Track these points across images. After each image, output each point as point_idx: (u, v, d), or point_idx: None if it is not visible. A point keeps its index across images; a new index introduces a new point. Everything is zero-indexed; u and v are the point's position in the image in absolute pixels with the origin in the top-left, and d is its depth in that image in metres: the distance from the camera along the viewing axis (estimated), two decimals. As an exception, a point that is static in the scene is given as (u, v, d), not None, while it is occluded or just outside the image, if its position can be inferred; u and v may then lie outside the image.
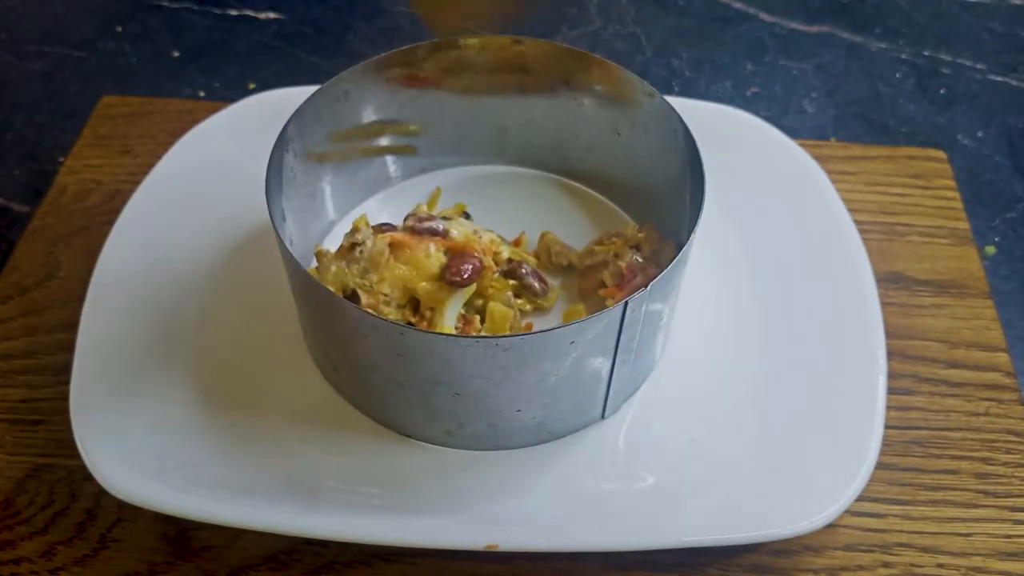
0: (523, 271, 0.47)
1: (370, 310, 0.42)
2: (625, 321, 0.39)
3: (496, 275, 0.46)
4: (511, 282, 0.46)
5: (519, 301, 0.47)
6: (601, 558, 0.42)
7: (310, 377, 0.46)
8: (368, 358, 0.40)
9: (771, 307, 0.49)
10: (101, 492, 0.41)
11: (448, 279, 0.43)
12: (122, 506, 0.43)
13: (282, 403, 0.45)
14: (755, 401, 0.45)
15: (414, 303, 0.44)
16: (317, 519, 0.40)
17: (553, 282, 0.49)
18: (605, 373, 0.41)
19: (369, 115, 0.50)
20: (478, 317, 0.45)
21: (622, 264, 0.46)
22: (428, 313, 0.44)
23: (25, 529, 0.43)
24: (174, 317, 0.48)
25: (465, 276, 0.43)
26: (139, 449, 0.42)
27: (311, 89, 0.46)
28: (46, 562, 0.42)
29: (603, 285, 0.47)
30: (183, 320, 0.48)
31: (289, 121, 0.44)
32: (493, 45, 0.49)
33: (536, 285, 0.47)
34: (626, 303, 0.37)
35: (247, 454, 0.43)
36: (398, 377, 0.40)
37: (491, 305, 0.45)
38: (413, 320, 0.44)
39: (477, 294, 0.45)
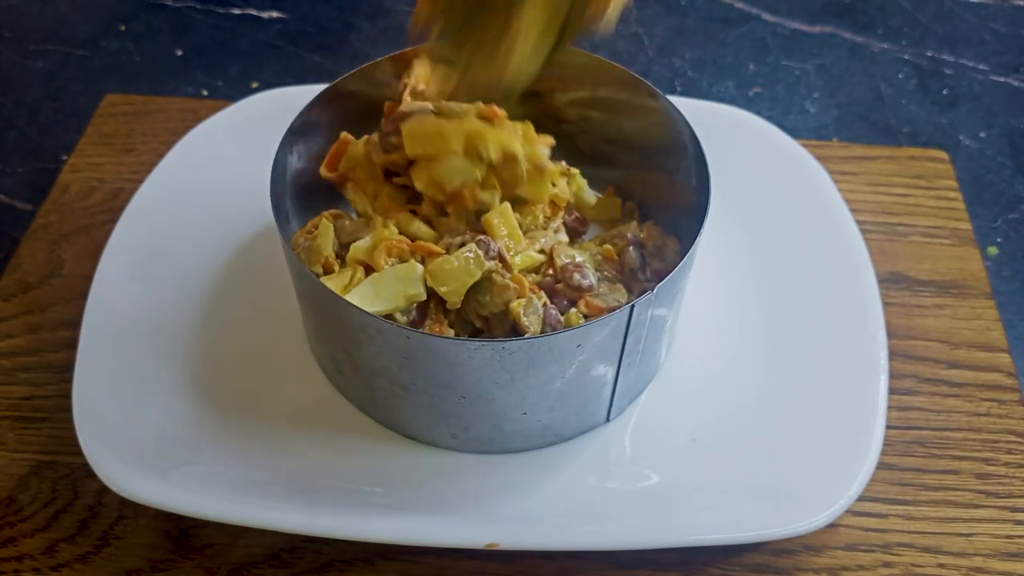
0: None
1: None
2: (631, 324, 0.39)
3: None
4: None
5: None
6: (603, 557, 0.42)
7: (314, 378, 0.46)
8: (374, 361, 0.40)
9: (773, 307, 0.49)
10: (103, 489, 0.42)
11: None
12: (124, 503, 0.43)
13: (285, 403, 0.45)
14: (757, 401, 0.45)
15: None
16: (319, 517, 0.40)
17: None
18: (610, 376, 0.41)
19: (372, 115, 0.50)
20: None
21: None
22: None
23: (27, 526, 0.43)
24: (177, 316, 0.48)
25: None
26: (141, 447, 0.42)
27: (314, 88, 0.46)
28: (48, 559, 0.42)
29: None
30: (186, 319, 0.48)
31: (293, 121, 0.45)
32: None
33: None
34: (632, 306, 0.37)
35: (249, 453, 0.43)
36: (403, 380, 0.40)
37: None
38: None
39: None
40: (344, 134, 0.47)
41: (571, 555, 0.42)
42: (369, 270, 0.41)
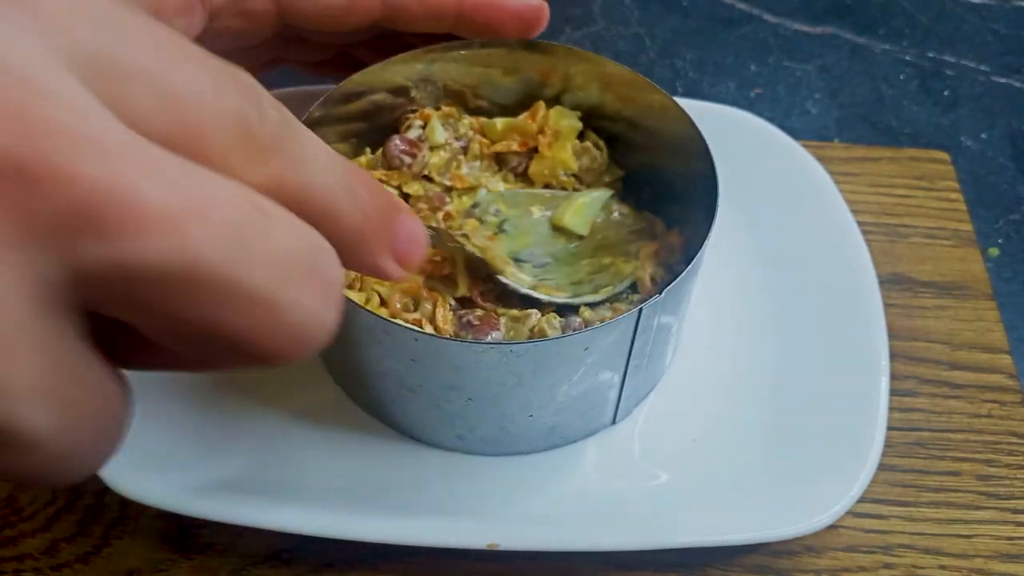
0: None
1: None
2: (639, 329, 0.39)
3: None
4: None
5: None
6: (603, 558, 0.42)
7: (316, 377, 0.46)
8: (380, 363, 0.40)
9: (774, 308, 0.49)
10: (104, 489, 0.41)
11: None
12: (125, 503, 0.43)
13: (289, 403, 0.45)
14: (758, 403, 0.45)
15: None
16: (321, 518, 0.40)
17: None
18: (617, 379, 0.41)
19: (373, 117, 0.50)
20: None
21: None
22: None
23: (28, 526, 0.43)
24: (178, 315, 0.48)
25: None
26: (142, 447, 0.42)
27: (315, 89, 0.46)
28: (49, 559, 0.42)
29: None
30: (187, 318, 0.48)
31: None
32: (496, 47, 0.49)
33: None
34: (640, 311, 0.37)
35: (251, 453, 0.43)
36: (410, 382, 0.40)
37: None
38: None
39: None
40: None
41: (571, 555, 0.42)
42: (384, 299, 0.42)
